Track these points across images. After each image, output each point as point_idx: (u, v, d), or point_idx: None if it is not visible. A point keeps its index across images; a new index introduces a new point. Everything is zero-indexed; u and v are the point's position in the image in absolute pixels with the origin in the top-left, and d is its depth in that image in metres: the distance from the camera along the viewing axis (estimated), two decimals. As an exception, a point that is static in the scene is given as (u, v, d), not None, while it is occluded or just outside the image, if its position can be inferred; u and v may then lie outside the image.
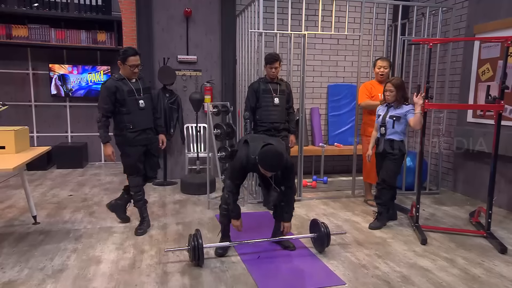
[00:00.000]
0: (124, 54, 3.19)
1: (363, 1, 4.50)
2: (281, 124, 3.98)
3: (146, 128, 3.37)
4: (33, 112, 6.29)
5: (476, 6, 4.61)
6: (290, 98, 4.10)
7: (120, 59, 3.21)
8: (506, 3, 4.22)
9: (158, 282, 2.56)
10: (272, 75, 3.92)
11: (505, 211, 4.22)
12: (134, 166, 3.34)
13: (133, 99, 3.25)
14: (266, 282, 2.58)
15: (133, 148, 3.29)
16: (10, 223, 3.65)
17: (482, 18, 4.50)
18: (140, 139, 3.31)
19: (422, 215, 3.96)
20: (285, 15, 4.87)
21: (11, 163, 2.84)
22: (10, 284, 2.51)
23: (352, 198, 4.68)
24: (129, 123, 3.24)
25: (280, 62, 3.91)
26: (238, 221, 2.93)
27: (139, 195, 3.43)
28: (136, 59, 3.22)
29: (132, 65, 3.20)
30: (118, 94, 3.19)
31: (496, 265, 2.91)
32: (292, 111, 4.14)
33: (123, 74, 3.27)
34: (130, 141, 3.26)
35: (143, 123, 3.33)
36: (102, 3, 5.92)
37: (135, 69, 3.23)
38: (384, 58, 4.21)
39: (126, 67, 3.21)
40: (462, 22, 4.85)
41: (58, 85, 6.15)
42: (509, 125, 4.07)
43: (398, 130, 3.56)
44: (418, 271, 2.78)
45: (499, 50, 4.26)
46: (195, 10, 5.26)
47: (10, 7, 5.63)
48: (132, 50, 3.23)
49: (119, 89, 3.19)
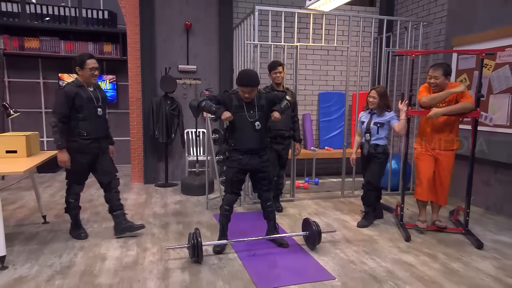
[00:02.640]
0: (81, 58, 2.98)
1: (350, 16, 4.54)
2: (286, 131, 3.87)
3: (99, 137, 3.12)
4: (43, 118, 6.26)
5: (454, 21, 4.66)
6: (295, 107, 3.97)
7: (78, 64, 2.99)
8: (480, 19, 4.28)
9: (159, 278, 2.56)
10: (277, 79, 3.77)
11: (482, 209, 4.25)
12: (80, 174, 3.10)
13: (91, 107, 3.03)
14: (260, 278, 2.57)
15: (83, 156, 3.04)
16: (21, 222, 3.63)
17: (459, 32, 4.55)
18: (92, 147, 3.06)
19: (406, 214, 3.97)
20: (279, 28, 4.90)
21: (22, 166, 2.83)
22: (21, 279, 2.50)
23: (341, 198, 4.69)
24: (83, 130, 3.00)
25: (283, 67, 3.80)
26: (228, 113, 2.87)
27: (77, 202, 3.20)
28: (94, 61, 3.01)
29: (92, 68, 2.99)
30: (77, 100, 2.95)
31: (473, 259, 2.93)
32: (297, 119, 4.01)
33: (82, 80, 3.04)
34: (81, 148, 3.02)
35: (97, 131, 3.09)
36: (108, 16, 5.93)
37: (95, 71, 3.02)
38: (437, 66, 3.31)
39: (86, 71, 2.99)
40: (441, 36, 4.91)
41: (66, 93, 6.13)
42: (484, 130, 4.12)
43: (382, 135, 3.58)
44: (402, 266, 2.79)
45: (474, 62, 4.31)
46: (195, 23, 5.28)
47: (23, 21, 5.64)
48: (87, 54, 3.03)
49: (78, 95, 2.96)
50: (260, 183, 3.06)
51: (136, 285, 2.46)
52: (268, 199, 3.09)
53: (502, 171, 4.03)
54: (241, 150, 2.95)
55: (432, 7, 5.09)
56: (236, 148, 2.97)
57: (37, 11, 5.69)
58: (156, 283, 2.48)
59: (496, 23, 4.09)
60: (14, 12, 5.62)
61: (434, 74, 3.28)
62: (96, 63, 3.05)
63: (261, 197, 3.13)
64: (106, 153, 3.22)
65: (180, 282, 2.51)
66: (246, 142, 2.94)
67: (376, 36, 5.70)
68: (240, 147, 2.95)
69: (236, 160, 2.96)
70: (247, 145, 2.94)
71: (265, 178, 3.04)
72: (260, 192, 3.11)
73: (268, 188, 3.08)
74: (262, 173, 3.02)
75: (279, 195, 4.19)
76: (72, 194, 3.17)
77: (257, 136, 2.94)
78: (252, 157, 2.96)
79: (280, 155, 3.90)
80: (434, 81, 3.29)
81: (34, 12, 5.68)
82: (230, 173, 3.00)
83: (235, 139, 2.97)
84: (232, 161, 2.98)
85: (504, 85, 3.99)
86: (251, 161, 2.96)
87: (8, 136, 3.27)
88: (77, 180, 3.15)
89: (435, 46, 4.94)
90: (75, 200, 3.19)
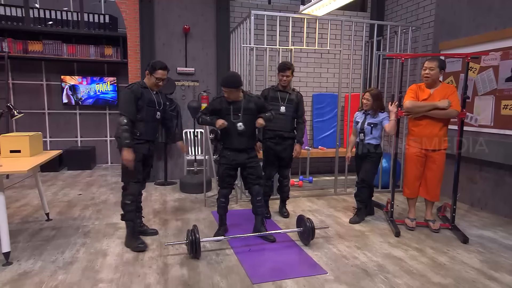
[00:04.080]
0: (154, 66, 2.95)
1: (343, 20, 4.56)
2: (285, 132, 3.61)
3: (150, 139, 3.06)
4: (46, 119, 6.23)
5: (441, 26, 4.69)
6: (300, 108, 3.65)
7: (149, 70, 2.96)
8: (465, 25, 4.32)
9: (159, 273, 2.56)
10: (284, 82, 3.59)
11: (467, 206, 4.29)
12: (136, 171, 2.99)
13: (151, 109, 2.98)
14: (255, 272, 2.58)
15: (136, 155, 2.95)
16: (25, 219, 3.61)
17: (446, 37, 4.58)
18: (142, 148, 2.98)
19: (396, 211, 3.99)
20: (274, 32, 4.91)
21: (26, 165, 2.81)
22: (25, 275, 2.49)
23: (334, 196, 4.71)
24: (137, 130, 2.93)
25: (292, 71, 3.59)
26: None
27: (133, 205, 2.98)
28: (164, 73, 2.97)
29: (159, 78, 2.96)
30: (141, 100, 2.92)
31: (459, 253, 2.96)
32: (301, 121, 3.70)
33: (147, 84, 3.01)
34: (133, 147, 2.92)
35: (150, 134, 3.03)
36: (109, 21, 5.90)
37: (160, 82, 2.98)
38: (433, 58, 3.31)
39: (152, 78, 2.96)
40: (429, 40, 4.94)
41: (69, 95, 6.11)
42: (470, 130, 4.15)
43: (376, 135, 3.59)
44: (392, 260, 2.81)
45: (460, 65, 4.34)
46: (193, 27, 5.27)
47: (26, 25, 5.60)
48: (162, 64, 2.97)
49: (143, 95, 2.93)
50: (248, 177, 3.17)
51: (136, 280, 2.46)
52: (258, 193, 3.14)
53: (486, 169, 4.07)
54: (230, 148, 3.12)
55: (421, 13, 5.12)
56: (225, 147, 3.15)
57: (40, 16, 5.65)
58: (156, 278, 2.48)
59: (480, 29, 4.13)
60: (18, 17, 5.59)
61: (430, 65, 3.25)
62: (166, 74, 3.00)
63: (251, 191, 3.18)
64: (152, 156, 3.16)
65: (179, 277, 2.51)
66: (232, 142, 3.11)
67: (367, 40, 5.72)
68: (228, 146, 3.14)
69: (225, 157, 3.14)
70: (233, 144, 3.10)
71: (252, 173, 3.14)
72: (249, 186, 3.18)
73: (258, 182, 3.15)
74: (250, 168, 3.14)
75: (285, 199, 3.87)
76: (128, 194, 2.96)
77: (241, 136, 3.09)
78: (239, 154, 3.11)
79: (279, 156, 3.66)
80: (428, 71, 3.25)
81: (38, 17, 5.65)
82: (221, 169, 3.15)
83: (224, 139, 3.15)
84: (223, 157, 3.14)
85: (488, 87, 4.02)
86: (238, 157, 3.11)
87: (12, 136, 3.25)
88: (133, 177, 2.95)
89: (423, 50, 4.97)
90: (131, 202, 2.95)
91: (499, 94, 3.89)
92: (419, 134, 3.36)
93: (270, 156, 3.68)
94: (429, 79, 3.28)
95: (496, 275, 2.60)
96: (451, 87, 3.31)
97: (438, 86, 3.31)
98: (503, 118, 3.85)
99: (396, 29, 4.92)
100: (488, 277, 2.57)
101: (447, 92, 3.26)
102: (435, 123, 3.29)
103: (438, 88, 3.30)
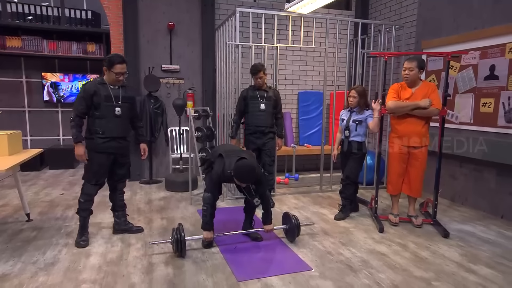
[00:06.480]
0: (110, 61, 2.85)
1: (327, 18, 4.58)
2: (266, 127, 3.93)
3: (118, 136, 2.95)
4: (26, 117, 6.06)
5: (423, 25, 4.78)
6: (278, 104, 4.01)
7: (106, 65, 2.86)
8: (446, 24, 4.41)
9: (144, 273, 2.52)
10: (258, 84, 3.89)
11: (448, 201, 4.39)
12: (95, 173, 2.92)
13: (109, 105, 2.87)
14: (241, 270, 2.58)
15: (99, 155, 2.90)
16: (4, 220, 3.51)
17: (428, 36, 4.67)
18: (107, 146, 2.89)
19: (380, 207, 4.04)
20: (259, 30, 4.89)
21: (4, 164, 2.73)
22: (4, 277, 2.42)
23: (320, 193, 4.75)
24: (99, 128, 2.86)
25: (263, 72, 3.85)
26: (210, 233, 2.87)
27: (88, 204, 2.97)
28: (123, 67, 2.87)
29: (118, 73, 2.85)
30: (95, 97, 2.83)
31: (440, 248, 3.03)
32: (280, 116, 4.07)
33: (107, 80, 2.91)
34: (97, 146, 2.88)
35: (115, 131, 2.91)
36: (92, 16, 5.77)
37: (120, 76, 2.88)
38: (412, 58, 3.34)
39: (111, 74, 2.86)
40: (412, 39, 5.02)
41: (50, 92, 5.95)
42: (451, 128, 4.24)
43: (360, 132, 3.63)
44: (376, 256, 2.85)
45: (442, 63, 4.43)
46: (178, 24, 5.21)
47: (4, 20, 5.40)
48: (119, 58, 2.88)
49: (97, 92, 2.83)
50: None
51: (121, 280, 2.42)
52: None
53: (466, 165, 4.17)
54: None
55: (403, 12, 5.20)
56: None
57: (18, 10, 5.47)
58: (140, 277, 2.45)
59: (460, 29, 4.22)
60: (-5, 11, 5.40)
61: (409, 66, 3.30)
62: (125, 68, 2.90)
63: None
64: (125, 156, 3.08)
65: (164, 276, 2.49)
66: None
67: (352, 38, 5.77)
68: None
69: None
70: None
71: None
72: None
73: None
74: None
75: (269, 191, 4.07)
76: (83, 194, 2.95)
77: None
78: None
79: (261, 149, 3.96)
80: (408, 72, 3.31)
81: (16, 11, 5.47)
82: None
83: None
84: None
85: (468, 86, 4.12)
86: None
87: (-10, 135, 3.15)
88: (90, 179, 2.92)
89: (406, 48, 5.05)
90: (85, 201, 2.95)
91: (478, 92, 3.99)
92: (402, 132, 3.41)
93: (251, 149, 3.88)
94: (408, 79, 3.35)
95: (474, 268, 2.67)
96: (432, 85, 3.38)
97: (419, 85, 3.37)
98: (482, 116, 3.95)
99: (380, 28, 4.98)
100: (467, 270, 2.64)
101: (428, 90, 3.32)
102: (417, 121, 3.35)
103: (419, 87, 3.36)
